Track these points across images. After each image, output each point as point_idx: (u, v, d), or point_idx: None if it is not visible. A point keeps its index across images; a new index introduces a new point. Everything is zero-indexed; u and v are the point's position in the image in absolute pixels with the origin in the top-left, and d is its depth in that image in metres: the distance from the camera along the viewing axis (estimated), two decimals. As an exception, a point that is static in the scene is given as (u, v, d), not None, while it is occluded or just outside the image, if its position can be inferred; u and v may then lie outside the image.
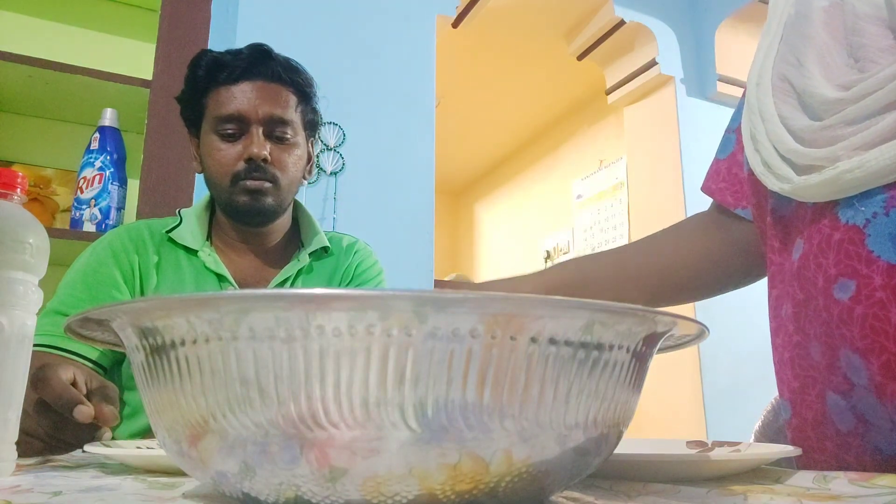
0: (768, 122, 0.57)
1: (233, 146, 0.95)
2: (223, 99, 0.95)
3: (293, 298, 0.26)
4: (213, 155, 0.95)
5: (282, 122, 0.96)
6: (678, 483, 0.41)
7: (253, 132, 0.94)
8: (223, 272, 0.97)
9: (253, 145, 0.93)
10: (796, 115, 0.55)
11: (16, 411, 0.45)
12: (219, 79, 0.96)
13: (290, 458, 0.27)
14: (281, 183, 0.96)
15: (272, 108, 0.95)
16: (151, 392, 0.31)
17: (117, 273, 0.93)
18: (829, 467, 0.55)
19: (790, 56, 0.57)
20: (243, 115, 0.94)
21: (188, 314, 0.27)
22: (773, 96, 0.57)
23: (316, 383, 0.26)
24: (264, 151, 0.93)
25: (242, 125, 0.94)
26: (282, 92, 0.97)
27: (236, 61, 0.96)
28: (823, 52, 0.54)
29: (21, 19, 1.58)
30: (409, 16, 2.30)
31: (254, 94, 0.95)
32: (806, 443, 0.58)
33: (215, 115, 0.95)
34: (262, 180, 0.94)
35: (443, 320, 0.26)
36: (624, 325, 0.30)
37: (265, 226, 1.00)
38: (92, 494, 0.35)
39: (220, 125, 0.95)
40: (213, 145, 0.95)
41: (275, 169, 0.95)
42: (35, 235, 0.46)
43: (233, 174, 0.94)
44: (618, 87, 2.99)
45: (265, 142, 0.94)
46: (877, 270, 0.48)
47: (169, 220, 1.01)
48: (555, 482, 0.31)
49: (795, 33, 0.58)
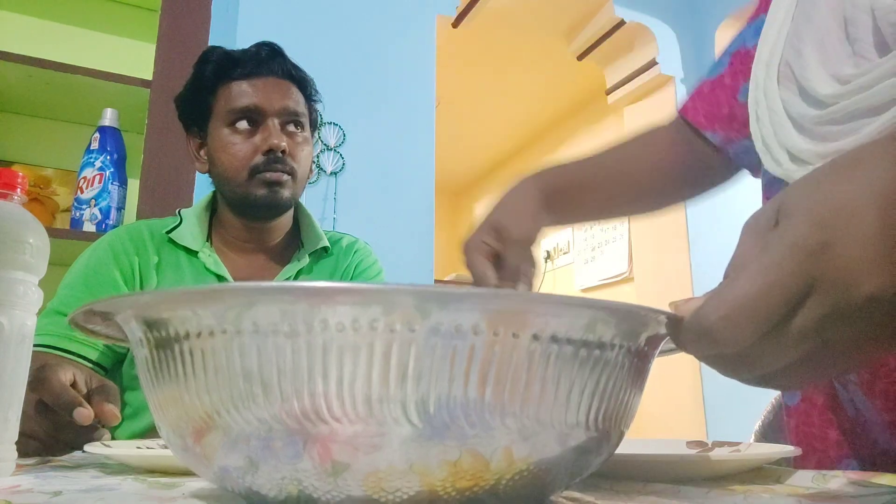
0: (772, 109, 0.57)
1: (249, 139, 0.95)
2: (236, 93, 0.96)
3: (298, 291, 0.26)
4: (228, 149, 0.95)
5: (296, 115, 0.97)
6: (678, 483, 0.41)
7: (270, 125, 0.95)
8: (223, 273, 0.97)
9: (272, 136, 0.94)
10: (795, 100, 0.55)
11: (16, 411, 0.45)
12: (231, 74, 0.96)
13: (293, 453, 0.27)
14: (298, 176, 0.97)
15: (287, 101, 0.96)
16: (156, 387, 0.31)
17: (117, 273, 0.93)
18: (827, 458, 0.55)
19: (795, 40, 0.57)
20: (260, 108, 0.95)
21: (194, 306, 0.28)
22: (778, 83, 0.57)
23: (319, 379, 0.26)
24: (283, 143, 0.94)
25: (258, 118, 0.95)
26: (292, 88, 0.99)
27: (248, 57, 0.97)
28: (824, 38, 0.54)
29: (21, 19, 1.58)
30: (409, 16, 2.30)
31: (270, 88, 0.96)
32: (808, 429, 0.57)
33: (229, 108, 0.95)
34: (281, 172, 0.94)
35: (445, 316, 0.26)
36: (627, 324, 0.30)
37: (274, 220, 1.01)
38: (92, 494, 0.35)
39: (235, 118, 0.95)
40: (228, 139, 0.95)
41: (293, 161, 0.96)
42: (35, 235, 0.46)
43: (251, 167, 0.94)
44: (618, 87, 2.99)
45: (283, 135, 0.95)
46: None
47: (169, 221, 1.01)
48: (555, 481, 0.31)
49: (803, 15, 0.57)
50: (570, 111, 4.21)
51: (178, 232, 0.98)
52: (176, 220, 1.00)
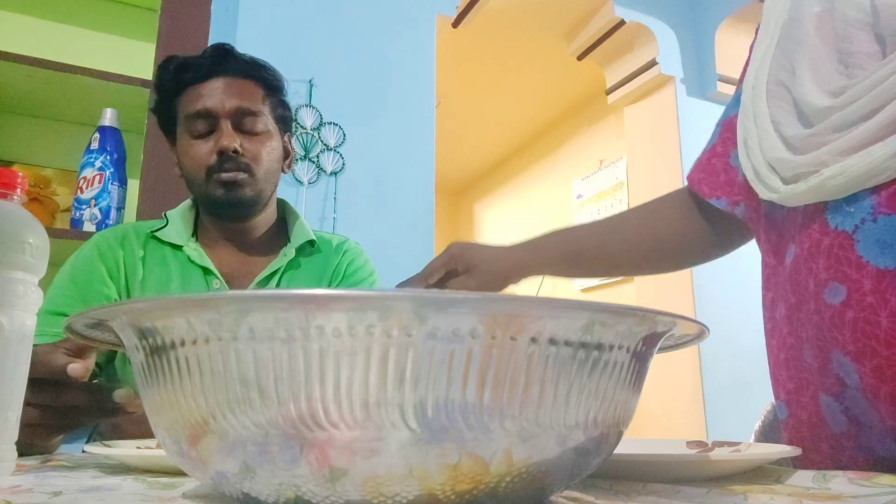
0: (761, 128, 0.58)
1: (205, 142, 0.96)
2: (191, 98, 0.97)
3: (293, 299, 0.26)
4: (188, 153, 0.97)
5: (250, 114, 0.97)
6: (678, 483, 0.41)
7: (222, 126, 0.95)
8: (208, 265, 0.97)
9: (222, 138, 0.94)
10: (790, 121, 0.55)
11: (16, 411, 0.45)
12: (185, 80, 0.98)
13: (290, 459, 0.27)
14: (256, 173, 0.97)
15: (239, 100, 0.97)
16: (151, 392, 0.31)
17: (103, 268, 0.94)
18: (825, 468, 0.55)
19: (785, 61, 0.58)
20: (210, 111, 0.95)
21: (188, 315, 0.27)
22: (767, 101, 0.58)
23: (316, 384, 0.26)
24: (234, 143, 0.94)
25: (212, 121, 0.96)
26: (247, 85, 0.99)
27: (200, 60, 0.98)
28: (815, 58, 0.55)
29: (21, 19, 1.58)
30: (409, 16, 2.30)
31: (220, 90, 0.96)
32: (802, 443, 0.58)
33: (184, 114, 0.97)
34: (235, 171, 0.95)
35: (443, 321, 0.26)
36: (624, 325, 0.30)
37: (246, 219, 1.01)
38: (92, 494, 0.35)
39: (191, 124, 0.96)
40: (187, 144, 0.97)
41: (247, 160, 0.96)
42: (35, 235, 0.46)
43: (206, 168, 0.95)
44: (618, 87, 2.99)
45: (235, 134, 0.96)
46: (866, 275, 0.49)
47: (155, 223, 1.02)
48: (555, 482, 0.31)
49: (789, 38, 0.58)
50: (570, 111, 4.21)
51: (163, 231, 0.99)
52: (162, 221, 1.01)
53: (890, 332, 0.47)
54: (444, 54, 2.72)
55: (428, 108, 2.26)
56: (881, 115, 0.47)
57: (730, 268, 2.57)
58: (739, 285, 2.41)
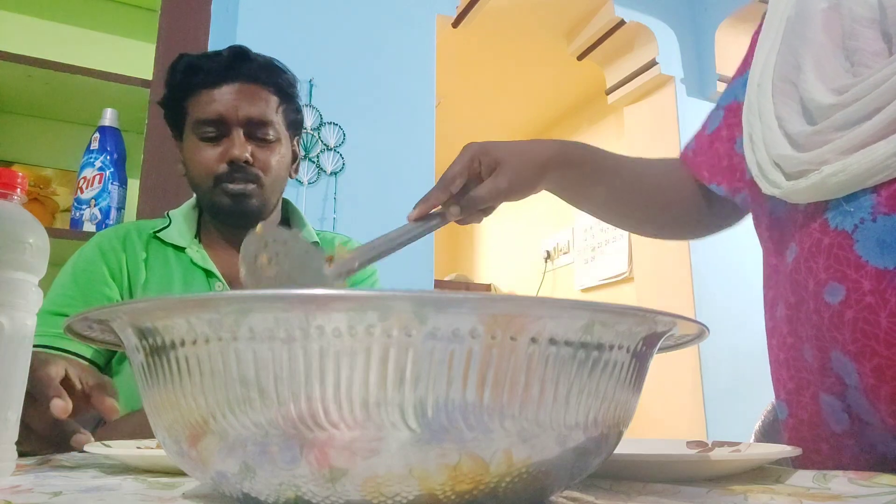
0: (765, 124, 0.57)
1: (214, 148, 0.95)
2: (203, 102, 0.95)
3: (293, 299, 0.26)
4: (195, 157, 0.96)
5: (262, 124, 0.96)
6: (678, 483, 0.41)
7: (234, 134, 0.94)
8: (211, 268, 0.97)
9: (234, 147, 0.93)
10: (795, 118, 0.55)
11: (16, 411, 0.45)
12: (197, 82, 0.96)
13: (290, 459, 0.27)
14: (265, 183, 0.96)
15: (252, 109, 0.95)
16: (151, 392, 0.31)
17: (105, 270, 0.94)
18: (826, 467, 0.55)
19: (790, 57, 0.57)
20: (223, 118, 0.94)
21: (188, 315, 0.27)
22: (772, 98, 0.58)
23: (316, 384, 0.26)
24: (246, 154, 0.93)
25: (223, 128, 0.95)
26: (261, 93, 0.97)
27: (213, 64, 0.96)
28: (821, 55, 0.55)
29: (21, 19, 1.58)
30: (409, 16, 2.30)
31: (233, 97, 0.95)
32: (802, 443, 0.58)
33: (196, 118, 0.96)
34: (245, 182, 0.94)
35: (443, 321, 0.26)
36: (624, 325, 0.30)
37: (250, 227, 1.00)
38: (92, 494, 0.35)
39: (201, 128, 0.95)
40: (195, 148, 0.96)
41: (257, 170, 0.95)
42: (35, 235, 0.46)
43: (214, 176, 0.94)
44: (618, 87, 2.99)
45: (246, 143, 0.94)
46: (866, 275, 0.49)
47: (158, 222, 1.01)
48: (555, 482, 0.31)
49: (795, 35, 0.58)
50: (570, 111, 4.21)
51: (166, 232, 0.99)
52: (165, 221, 1.01)
53: (889, 332, 0.48)
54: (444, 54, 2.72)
55: (428, 108, 2.26)
56: (883, 114, 0.47)
57: (730, 268, 2.57)
58: (739, 285, 2.41)
